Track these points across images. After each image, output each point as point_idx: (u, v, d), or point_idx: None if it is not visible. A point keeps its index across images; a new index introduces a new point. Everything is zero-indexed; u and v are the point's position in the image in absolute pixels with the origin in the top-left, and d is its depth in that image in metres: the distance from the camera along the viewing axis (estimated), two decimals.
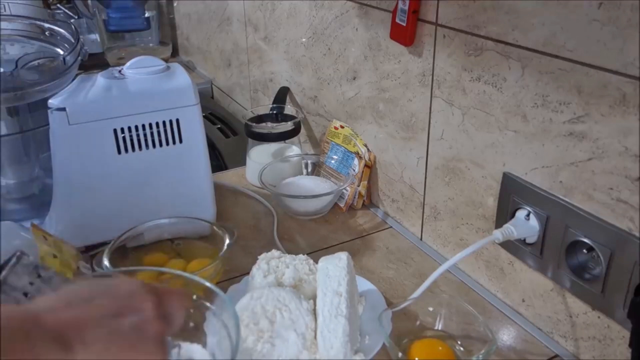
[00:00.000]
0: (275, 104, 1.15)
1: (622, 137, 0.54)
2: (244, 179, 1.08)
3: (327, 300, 0.61)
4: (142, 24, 1.56)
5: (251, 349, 0.58)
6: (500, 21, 0.64)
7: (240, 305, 0.62)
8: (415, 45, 0.78)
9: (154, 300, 0.43)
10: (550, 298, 0.67)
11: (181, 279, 0.56)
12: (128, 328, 0.40)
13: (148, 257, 0.75)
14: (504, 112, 0.67)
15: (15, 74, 0.78)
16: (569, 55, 0.57)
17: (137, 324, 0.41)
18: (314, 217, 0.95)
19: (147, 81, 0.80)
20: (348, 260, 0.66)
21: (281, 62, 1.21)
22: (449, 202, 0.80)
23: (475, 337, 0.64)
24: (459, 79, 0.72)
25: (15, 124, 0.87)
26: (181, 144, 0.81)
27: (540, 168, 0.64)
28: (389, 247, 0.87)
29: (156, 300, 0.43)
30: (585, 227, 0.59)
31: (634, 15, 0.50)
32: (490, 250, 0.74)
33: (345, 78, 0.97)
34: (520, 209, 0.67)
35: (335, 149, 1.00)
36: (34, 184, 0.92)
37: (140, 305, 0.42)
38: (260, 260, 0.70)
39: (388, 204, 0.95)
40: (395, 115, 0.87)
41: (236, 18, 1.40)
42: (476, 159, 0.73)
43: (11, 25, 0.93)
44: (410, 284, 0.78)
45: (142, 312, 0.42)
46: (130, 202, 0.80)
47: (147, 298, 0.43)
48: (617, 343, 0.59)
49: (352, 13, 0.91)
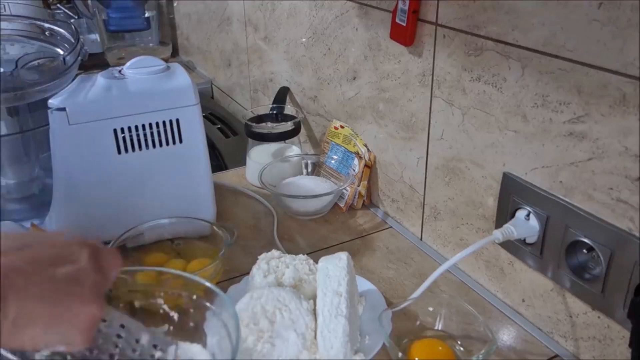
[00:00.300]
0: (275, 104, 1.15)
1: (622, 137, 0.54)
2: (244, 179, 1.08)
3: (327, 300, 0.61)
4: (142, 24, 1.56)
5: (251, 349, 0.58)
6: (500, 21, 0.64)
7: (240, 305, 0.62)
8: (415, 45, 0.78)
9: (89, 252, 0.42)
10: (550, 298, 0.67)
11: (181, 279, 0.56)
12: (64, 276, 0.40)
13: (148, 257, 0.75)
14: (504, 112, 0.67)
15: (15, 74, 0.78)
16: (569, 55, 0.57)
17: (72, 273, 0.40)
18: (314, 217, 0.95)
19: (147, 81, 0.80)
20: (348, 260, 0.66)
21: (281, 62, 1.21)
22: (449, 202, 0.80)
23: (475, 337, 0.64)
24: (459, 79, 0.72)
25: (15, 124, 0.87)
26: (181, 144, 0.81)
27: (540, 168, 0.64)
28: (389, 247, 0.87)
29: (92, 253, 0.42)
30: (585, 227, 0.59)
31: (634, 15, 0.50)
32: (490, 250, 0.74)
33: (345, 78, 0.97)
34: (520, 209, 0.67)
35: (335, 149, 1.00)
36: (34, 184, 0.92)
37: (77, 257, 0.41)
38: (260, 260, 0.70)
39: (388, 204, 0.95)
40: (395, 115, 0.87)
41: (236, 18, 1.40)
42: (476, 159, 0.73)
43: (11, 25, 0.93)
44: (410, 284, 0.78)
45: (77, 262, 0.41)
46: (130, 202, 0.80)
47: (83, 250, 0.42)
48: (617, 343, 0.59)
49: (352, 13, 0.91)
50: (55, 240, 0.43)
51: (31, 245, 0.41)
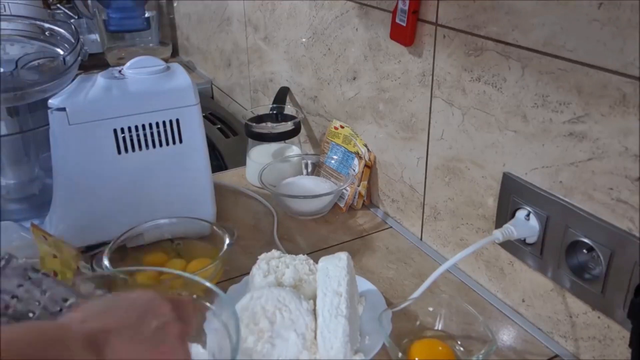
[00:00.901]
0: (275, 104, 1.15)
1: (622, 137, 0.54)
2: (244, 179, 1.08)
3: (327, 300, 0.61)
4: (142, 24, 1.56)
5: (251, 349, 0.58)
6: (500, 21, 0.64)
7: (240, 305, 0.62)
8: (415, 45, 0.78)
9: (170, 305, 0.46)
10: (550, 298, 0.67)
11: (181, 279, 0.56)
12: (151, 330, 0.43)
13: (148, 257, 0.75)
14: (504, 112, 0.67)
15: (15, 74, 0.78)
16: (569, 55, 0.57)
17: (158, 326, 0.44)
18: (314, 217, 0.95)
19: (147, 81, 0.80)
20: (348, 261, 0.66)
21: (281, 62, 1.21)
22: (449, 202, 0.80)
23: (475, 337, 0.64)
24: (459, 79, 0.72)
25: (15, 124, 0.87)
26: (181, 144, 0.81)
27: (540, 168, 0.64)
28: (389, 247, 0.87)
29: (172, 305, 0.46)
30: (585, 227, 0.59)
31: (634, 15, 0.50)
32: (490, 250, 0.74)
33: (345, 78, 0.97)
34: (520, 209, 0.67)
35: (335, 149, 1.00)
36: (34, 184, 0.92)
37: (160, 310, 0.45)
38: (260, 260, 0.70)
39: (388, 204, 0.95)
40: (395, 115, 0.87)
41: (236, 18, 1.40)
42: (476, 159, 0.73)
43: (11, 25, 0.93)
44: (410, 284, 0.78)
45: (162, 315, 0.45)
46: (130, 202, 0.80)
47: (165, 304, 0.46)
48: (617, 343, 0.59)
49: (352, 13, 0.91)
50: (138, 299, 0.46)
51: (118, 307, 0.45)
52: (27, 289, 0.47)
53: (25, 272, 0.48)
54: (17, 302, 0.46)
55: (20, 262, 0.48)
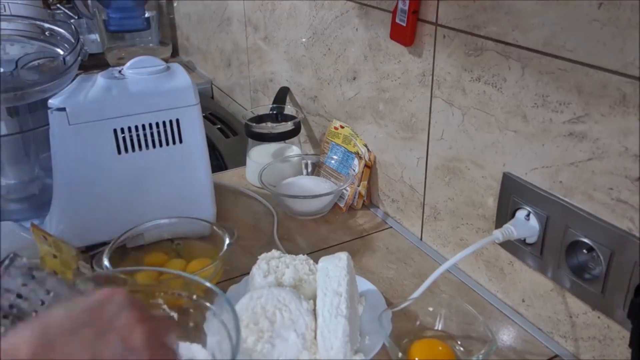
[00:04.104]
0: (275, 104, 1.15)
1: (622, 137, 0.54)
2: (244, 179, 1.08)
3: (327, 300, 0.61)
4: (142, 24, 1.56)
5: (251, 349, 0.58)
6: (500, 21, 0.64)
7: (240, 305, 0.62)
8: (415, 45, 0.78)
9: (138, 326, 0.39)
10: (550, 298, 0.67)
11: (181, 279, 0.56)
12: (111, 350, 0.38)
13: (148, 257, 0.75)
14: (504, 112, 0.67)
15: (15, 74, 0.78)
16: (569, 55, 0.57)
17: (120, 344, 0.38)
18: (314, 217, 0.95)
19: (147, 81, 0.80)
20: (348, 261, 0.66)
21: (281, 62, 1.21)
22: (449, 202, 0.80)
23: (475, 337, 0.64)
24: (459, 79, 0.72)
25: (15, 124, 0.87)
26: (181, 144, 0.81)
27: (540, 168, 0.64)
28: (389, 247, 0.87)
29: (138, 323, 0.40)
30: (585, 227, 0.59)
31: (634, 15, 0.50)
32: (490, 250, 0.74)
33: (345, 78, 0.97)
34: (520, 209, 0.67)
35: (335, 149, 1.00)
36: (34, 184, 0.92)
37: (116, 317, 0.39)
38: (260, 260, 0.70)
39: (388, 204, 0.95)
40: (395, 115, 0.87)
41: (236, 18, 1.40)
42: (476, 159, 0.73)
43: (11, 25, 0.93)
44: (410, 284, 0.78)
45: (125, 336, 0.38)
46: (130, 202, 0.80)
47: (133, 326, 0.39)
48: (617, 343, 0.59)
49: (352, 13, 0.91)
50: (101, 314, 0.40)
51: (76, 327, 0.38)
52: (32, 289, 0.47)
53: (30, 272, 0.48)
54: (22, 302, 0.46)
55: (24, 261, 0.48)
